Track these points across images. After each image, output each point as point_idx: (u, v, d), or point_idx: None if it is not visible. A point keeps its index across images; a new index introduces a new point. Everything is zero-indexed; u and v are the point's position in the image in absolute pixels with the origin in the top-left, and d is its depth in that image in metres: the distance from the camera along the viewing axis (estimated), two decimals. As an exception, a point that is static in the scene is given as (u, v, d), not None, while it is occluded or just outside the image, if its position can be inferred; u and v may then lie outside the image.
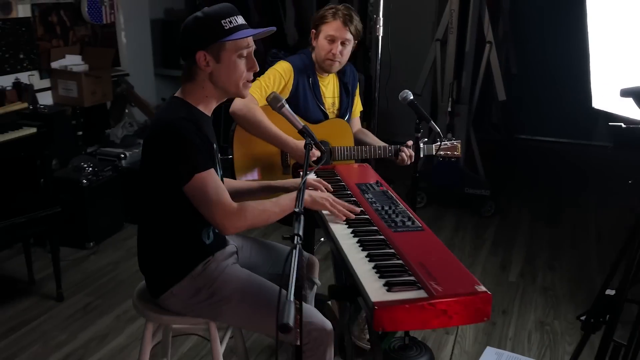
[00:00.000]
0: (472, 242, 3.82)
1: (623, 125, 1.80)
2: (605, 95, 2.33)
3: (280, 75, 2.46)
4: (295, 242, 1.37)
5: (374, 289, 1.47)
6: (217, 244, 1.86)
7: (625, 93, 1.74)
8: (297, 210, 1.46)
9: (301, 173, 2.29)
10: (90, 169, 3.57)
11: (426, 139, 2.59)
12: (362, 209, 1.93)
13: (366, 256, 1.64)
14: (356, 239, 1.74)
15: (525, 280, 3.34)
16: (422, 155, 2.57)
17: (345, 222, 1.85)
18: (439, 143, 2.59)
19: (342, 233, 1.79)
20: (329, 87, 2.63)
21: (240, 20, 1.73)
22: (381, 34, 3.19)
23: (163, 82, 5.03)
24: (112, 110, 4.44)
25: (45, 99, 3.96)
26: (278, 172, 2.50)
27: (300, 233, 1.40)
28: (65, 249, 3.51)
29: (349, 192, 2.11)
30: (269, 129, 2.35)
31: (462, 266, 1.59)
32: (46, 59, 3.96)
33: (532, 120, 5.92)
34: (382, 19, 3.18)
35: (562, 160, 5.64)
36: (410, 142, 2.51)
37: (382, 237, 1.75)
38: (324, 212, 1.90)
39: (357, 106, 2.79)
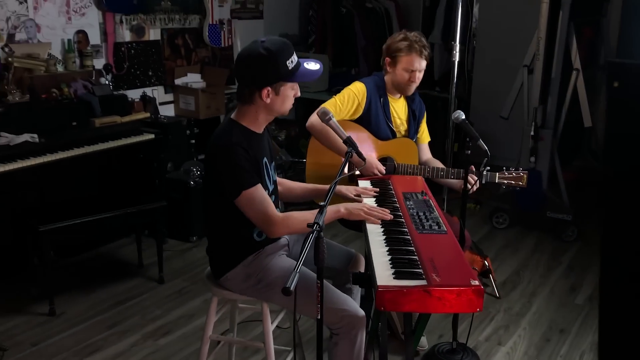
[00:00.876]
0: (547, 264, 3.87)
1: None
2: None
3: (355, 95, 2.77)
4: (314, 228, 1.68)
5: (384, 276, 1.75)
6: (268, 240, 2.17)
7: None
8: (321, 204, 1.77)
9: (358, 181, 2.60)
10: (198, 172, 4.08)
11: (489, 167, 2.69)
12: (400, 213, 2.20)
13: (387, 250, 1.91)
14: (384, 237, 2.02)
15: (592, 304, 3.37)
16: (483, 182, 2.71)
17: (380, 223, 2.12)
18: (504, 172, 2.74)
19: (374, 231, 2.07)
20: (399, 109, 2.89)
21: (296, 57, 2.06)
22: (457, 59, 3.41)
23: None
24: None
25: (168, 111, 4.58)
26: (344, 181, 2.81)
27: (321, 222, 1.71)
28: (173, 241, 4.06)
29: (394, 199, 2.38)
30: (339, 143, 2.67)
31: (467, 264, 1.82)
32: (171, 76, 4.58)
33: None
34: (458, 45, 3.40)
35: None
36: (472, 168, 2.65)
37: (407, 237, 2.01)
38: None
39: (425, 134, 3.00)
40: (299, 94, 2.13)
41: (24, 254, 3.42)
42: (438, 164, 2.92)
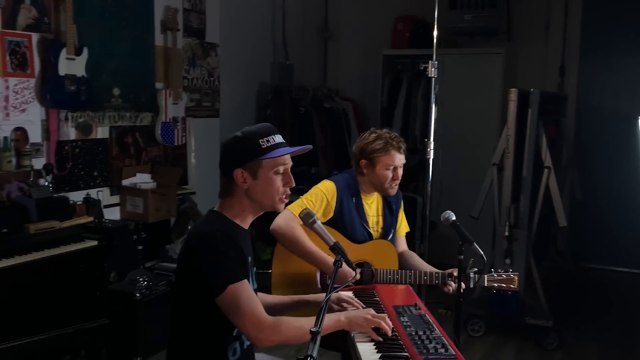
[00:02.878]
0: (533, 377, 3.56)
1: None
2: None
3: (324, 194, 2.52)
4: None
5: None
6: None
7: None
8: (313, 329, 1.43)
9: (340, 292, 2.27)
10: (145, 283, 3.65)
11: (476, 269, 2.48)
12: (396, 333, 1.87)
13: (390, 385, 1.56)
14: (383, 365, 1.67)
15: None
16: (471, 286, 2.47)
17: (374, 345, 1.79)
18: (492, 274, 2.50)
19: (369, 358, 1.73)
20: (373, 205, 2.66)
21: (277, 139, 1.83)
22: (432, 157, 3.23)
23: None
24: (175, 226, 4.61)
25: (114, 214, 4.18)
26: (316, 292, 2.48)
27: (314, 354, 1.36)
28: (114, 362, 3.54)
29: (384, 314, 2.05)
30: (308, 248, 2.37)
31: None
32: (118, 176, 4.22)
33: (601, 249, 5.65)
34: (432, 142, 3.23)
35: (635, 291, 5.27)
36: (454, 272, 2.43)
37: (411, 364, 1.67)
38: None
39: (402, 225, 2.79)
40: (292, 184, 1.84)
41: None
42: (416, 258, 2.69)
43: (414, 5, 5.79)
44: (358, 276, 2.37)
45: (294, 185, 1.85)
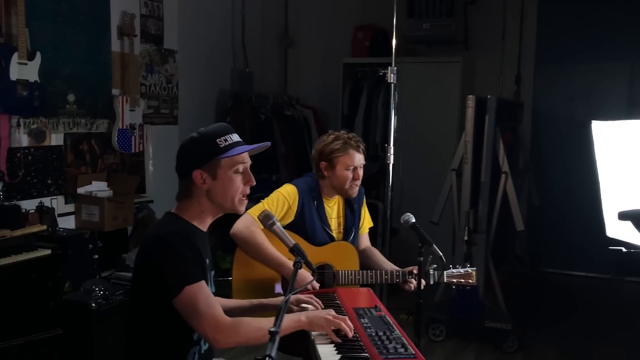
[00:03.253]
0: (493, 379, 3.59)
1: (623, 250, 1.73)
2: (618, 223, 2.28)
3: (285, 198, 2.50)
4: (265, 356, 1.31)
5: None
6: None
7: (622, 216, 1.69)
8: (272, 329, 1.40)
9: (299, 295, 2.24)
10: (101, 292, 3.55)
11: (435, 266, 2.52)
12: (356, 334, 1.85)
13: (350, 385, 1.54)
14: (343, 366, 1.65)
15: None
16: (431, 282, 2.51)
17: (334, 346, 1.77)
18: (451, 270, 2.54)
19: (330, 359, 1.71)
20: (334, 208, 2.67)
21: (235, 137, 1.80)
22: (392, 162, 3.25)
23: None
24: (132, 235, 4.51)
25: (69, 223, 4.07)
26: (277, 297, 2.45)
27: (273, 355, 1.33)
28: (69, 375, 3.42)
29: (345, 315, 2.03)
30: (268, 252, 2.35)
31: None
32: (73, 184, 4.11)
33: (559, 253, 5.76)
34: (392, 147, 3.25)
35: (593, 294, 5.38)
36: (414, 270, 2.45)
37: (371, 364, 1.66)
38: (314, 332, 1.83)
39: (365, 221, 2.79)
40: (252, 182, 1.81)
41: None
42: (377, 255, 2.71)
43: (374, 15, 5.83)
44: (316, 285, 2.36)
45: (255, 183, 1.83)
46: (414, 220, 2.37)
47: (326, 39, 6.35)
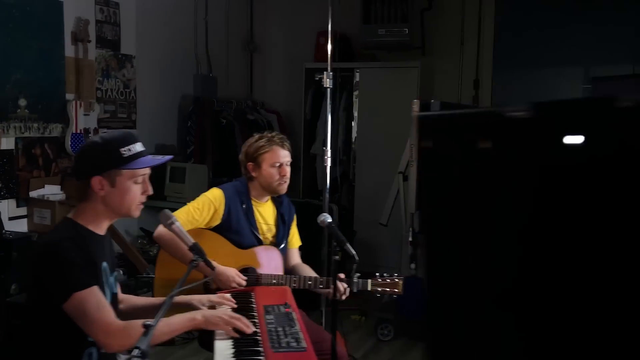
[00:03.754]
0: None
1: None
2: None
3: (210, 201, 2.54)
4: (133, 354, 1.36)
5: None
6: None
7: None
8: (147, 323, 1.45)
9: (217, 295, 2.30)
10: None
11: (359, 274, 2.52)
12: (257, 330, 1.91)
13: (233, 375, 1.61)
14: (233, 358, 1.72)
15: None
16: (355, 290, 2.51)
17: (232, 341, 1.83)
18: (377, 278, 2.56)
19: (224, 352, 1.77)
20: (266, 213, 2.69)
21: (138, 147, 1.82)
22: (329, 165, 3.32)
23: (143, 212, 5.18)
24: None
25: (21, 226, 4.10)
26: (199, 292, 2.50)
27: (143, 347, 1.39)
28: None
29: (253, 312, 2.10)
30: (188, 254, 2.39)
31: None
32: (25, 188, 4.15)
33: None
34: (329, 150, 3.33)
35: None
36: (342, 275, 2.47)
37: (261, 357, 1.72)
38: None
39: (295, 238, 2.82)
40: (149, 192, 1.85)
41: None
42: (308, 270, 2.70)
43: (335, 21, 5.90)
44: (244, 283, 2.40)
45: (151, 193, 1.86)
46: (330, 220, 2.42)
47: (290, 44, 6.43)
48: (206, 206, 2.54)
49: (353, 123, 6.01)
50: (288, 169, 2.62)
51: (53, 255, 1.69)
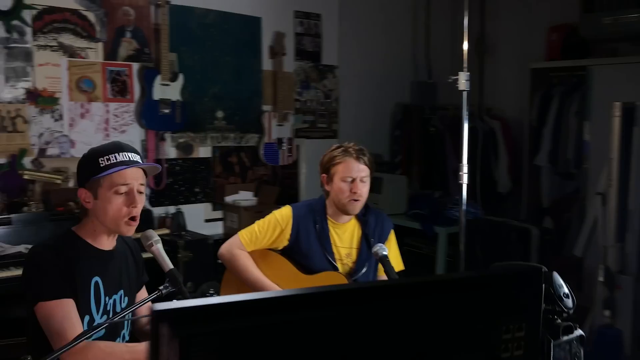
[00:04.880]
0: None
1: None
2: None
3: (277, 221, 2.35)
4: None
5: None
6: None
7: None
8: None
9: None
10: (214, 294, 3.81)
11: None
12: None
13: None
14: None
15: None
16: None
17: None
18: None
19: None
20: (345, 235, 2.39)
21: (120, 157, 1.75)
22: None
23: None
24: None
25: (216, 229, 4.46)
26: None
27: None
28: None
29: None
30: (250, 276, 2.26)
31: None
32: (221, 193, 4.49)
33: None
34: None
35: None
36: None
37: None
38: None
39: (394, 262, 2.43)
40: (135, 205, 1.75)
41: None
42: None
43: (566, 13, 5.10)
44: None
45: (138, 206, 1.77)
46: (385, 252, 2.03)
47: (519, 42, 5.74)
48: (271, 226, 2.36)
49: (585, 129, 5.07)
50: (362, 186, 2.28)
51: (29, 262, 1.73)
